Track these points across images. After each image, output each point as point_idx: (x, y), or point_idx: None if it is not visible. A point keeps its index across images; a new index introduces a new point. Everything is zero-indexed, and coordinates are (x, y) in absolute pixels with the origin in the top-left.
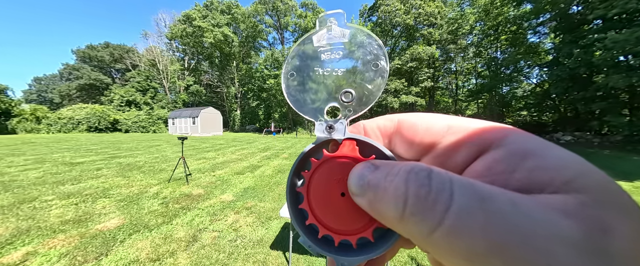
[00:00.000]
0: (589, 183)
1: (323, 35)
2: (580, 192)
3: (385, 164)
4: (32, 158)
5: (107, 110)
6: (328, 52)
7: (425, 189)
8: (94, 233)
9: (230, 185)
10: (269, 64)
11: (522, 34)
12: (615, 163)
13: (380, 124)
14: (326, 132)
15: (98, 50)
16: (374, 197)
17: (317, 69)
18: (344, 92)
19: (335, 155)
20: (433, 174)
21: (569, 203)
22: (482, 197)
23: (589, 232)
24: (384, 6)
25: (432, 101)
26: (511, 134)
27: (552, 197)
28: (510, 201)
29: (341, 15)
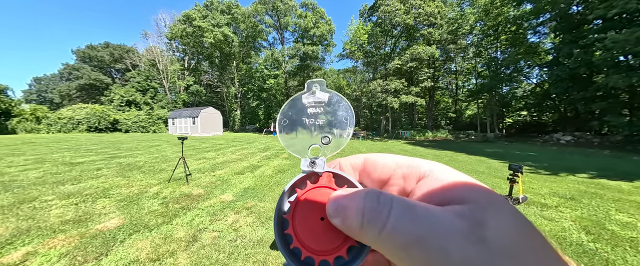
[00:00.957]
0: (477, 197)
1: (309, 95)
2: (470, 202)
3: (352, 190)
4: (32, 158)
5: (107, 110)
6: (312, 107)
7: (375, 204)
8: (94, 233)
9: (230, 185)
10: (269, 64)
11: (522, 34)
12: (615, 163)
13: (351, 162)
14: (309, 166)
15: (98, 50)
16: (344, 215)
17: (304, 119)
18: (323, 137)
19: (316, 185)
20: (381, 195)
21: (461, 210)
22: (409, 206)
23: (472, 226)
24: (384, 6)
25: (432, 101)
26: (434, 169)
27: (453, 207)
28: (426, 209)
29: (323, 82)
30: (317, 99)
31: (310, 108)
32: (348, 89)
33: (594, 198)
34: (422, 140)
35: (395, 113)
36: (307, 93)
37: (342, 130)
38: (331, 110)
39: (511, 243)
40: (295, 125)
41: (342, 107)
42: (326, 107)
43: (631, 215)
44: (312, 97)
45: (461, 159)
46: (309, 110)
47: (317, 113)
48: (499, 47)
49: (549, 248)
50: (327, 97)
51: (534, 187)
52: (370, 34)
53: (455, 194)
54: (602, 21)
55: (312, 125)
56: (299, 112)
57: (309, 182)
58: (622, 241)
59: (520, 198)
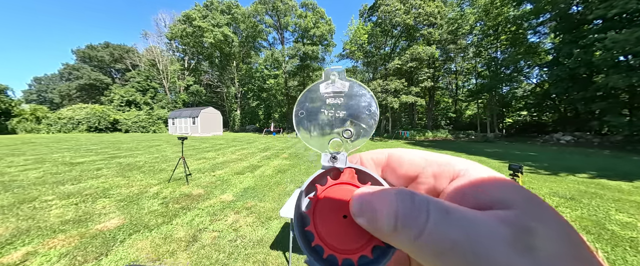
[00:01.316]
0: (520, 201)
1: (328, 85)
2: (513, 208)
3: (380, 188)
4: (32, 158)
5: (107, 110)
6: (332, 98)
7: (410, 207)
8: (94, 233)
9: (230, 185)
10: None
11: (522, 34)
12: (615, 163)
13: (374, 156)
14: (330, 161)
15: (98, 50)
16: (371, 216)
17: (323, 111)
18: (345, 130)
19: (337, 181)
20: (415, 196)
21: (506, 215)
22: (448, 211)
23: (518, 233)
24: (384, 6)
25: (432, 101)
26: (469, 168)
27: (494, 212)
28: (465, 214)
29: (342, 70)
30: (337, 88)
31: (330, 98)
32: None
33: (594, 198)
34: (422, 140)
35: (395, 113)
36: (326, 82)
37: (366, 123)
38: (353, 101)
39: (560, 253)
40: (313, 116)
41: (364, 98)
42: (347, 97)
43: (631, 215)
44: (332, 86)
45: None
46: (328, 101)
47: (338, 104)
48: (499, 47)
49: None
50: (347, 86)
51: (534, 187)
52: (370, 34)
53: (497, 197)
54: (602, 21)
55: (332, 117)
56: (317, 103)
57: (329, 178)
58: (622, 241)
59: None
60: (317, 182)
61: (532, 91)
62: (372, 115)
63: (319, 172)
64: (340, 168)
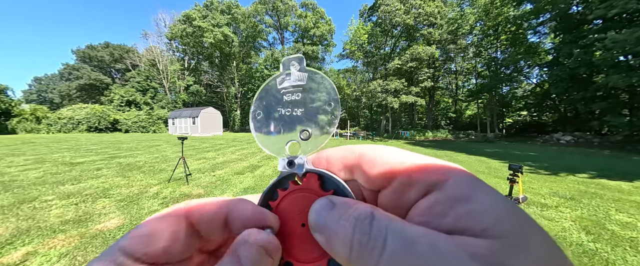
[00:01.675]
0: (503, 230)
1: (285, 78)
2: (494, 237)
3: (341, 203)
4: (32, 158)
5: (107, 110)
6: (289, 94)
7: (366, 237)
8: (94, 233)
9: (230, 185)
10: (269, 64)
11: (522, 34)
12: (615, 163)
13: (344, 156)
14: (287, 167)
15: (98, 50)
16: (328, 237)
17: (279, 109)
18: (302, 131)
19: (299, 187)
20: (374, 222)
21: (481, 247)
22: (409, 241)
23: None
24: (384, 6)
25: (432, 101)
26: (452, 177)
27: (468, 240)
28: (431, 244)
29: (302, 58)
30: (294, 82)
31: (287, 94)
32: (348, 89)
33: (594, 198)
34: (422, 140)
35: (395, 113)
36: (283, 74)
37: (325, 120)
38: (311, 95)
39: None
40: (270, 117)
41: (323, 90)
42: (305, 91)
43: (631, 215)
44: (288, 81)
45: (461, 159)
46: (286, 98)
47: (296, 100)
48: (499, 47)
49: None
50: (305, 77)
51: (534, 187)
52: (370, 34)
53: (475, 220)
54: (602, 21)
55: (290, 117)
56: (274, 101)
57: (291, 183)
58: (622, 241)
59: (520, 198)
60: (278, 187)
61: (532, 91)
62: (333, 109)
63: (280, 176)
64: (298, 173)
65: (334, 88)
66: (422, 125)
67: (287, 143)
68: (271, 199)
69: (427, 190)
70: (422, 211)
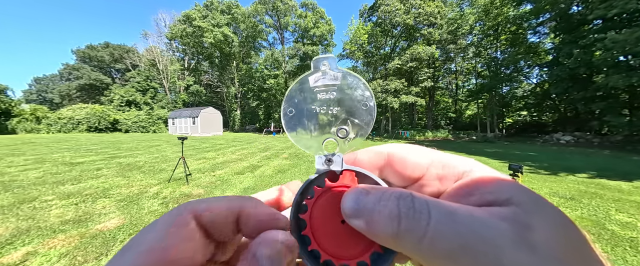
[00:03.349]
0: (520, 199)
1: (318, 77)
2: (514, 205)
3: (375, 189)
4: (32, 158)
5: (107, 110)
6: (323, 92)
7: (411, 210)
8: (94, 233)
9: (231, 185)
10: (269, 64)
11: (522, 34)
12: (615, 163)
13: (371, 156)
14: (325, 164)
15: (98, 50)
16: (370, 219)
17: (314, 108)
18: (339, 129)
19: (335, 185)
20: (415, 200)
21: (507, 212)
22: (449, 211)
23: (518, 229)
24: (384, 6)
25: (432, 101)
26: (473, 168)
27: (496, 209)
28: (469, 212)
29: (333, 59)
30: (328, 81)
31: (321, 93)
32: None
33: (594, 198)
34: (422, 140)
35: (395, 113)
36: (316, 73)
37: (362, 119)
38: (347, 95)
39: (559, 247)
40: (304, 115)
41: (359, 91)
42: (340, 90)
43: (631, 215)
44: (322, 79)
45: None
46: (320, 96)
47: (330, 99)
48: (499, 47)
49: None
50: (340, 77)
51: (534, 187)
52: (370, 34)
53: (497, 195)
54: (602, 21)
55: (325, 114)
56: (307, 99)
57: (327, 181)
58: (622, 241)
59: None
60: (314, 185)
61: (532, 91)
62: (369, 110)
63: (316, 175)
64: (337, 171)
65: (368, 87)
66: (422, 125)
67: (324, 141)
68: (306, 197)
69: (456, 179)
70: (452, 194)
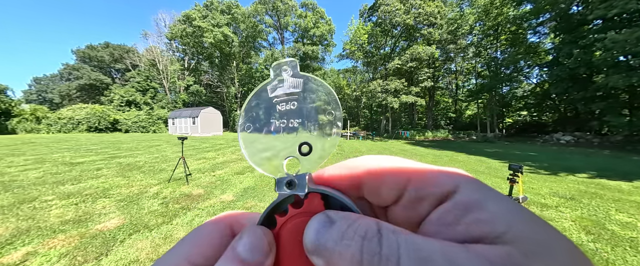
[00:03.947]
0: (516, 235)
1: (277, 85)
2: (508, 243)
3: (341, 219)
4: (32, 158)
5: (107, 110)
6: (283, 103)
7: (376, 257)
8: (94, 233)
9: (231, 185)
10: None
11: (522, 34)
12: (615, 163)
13: (344, 173)
14: (286, 188)
15: (98, 50)
16: (329, 260)
17: (273, 121)
18: (301, 145)
19: (300, 210)
20: (383, 240)
21: (497, 254)
22: (424, 258)
23: None
24: (384, 6)
25: (432, 101)
26: (460, 186)
27: (484, 248)
28: (448, 258)
29: (295, 63)
30: (288, 90)
31: (281, 104)
32: (348, 89)
33: (594, 198)
34: (422, 140)
35: (395, 113)
36: (275, 81)
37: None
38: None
39: None
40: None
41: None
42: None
43: (631, 215)
44: (281, 88)
45: (461, 159)
46: (280, 108)
47: (291, 110)
48: (498, 47)
49: None
50: (300, 83)
51: (534, 187)
52: (370, 34)
53: (489, 227)
54: (602, 21)
55: (286, 129)
56: (266, 112)
57: (291, 207)
58: (622, 241)
59: (521, 198)
60: (275, 213)
61: (532, 91)
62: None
63: (278, 199)
64: (301, 194)
65: (333, 93)
66: (422, 125)
67: (284, 160)
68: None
69: (437, 203)
70: (434, 222)
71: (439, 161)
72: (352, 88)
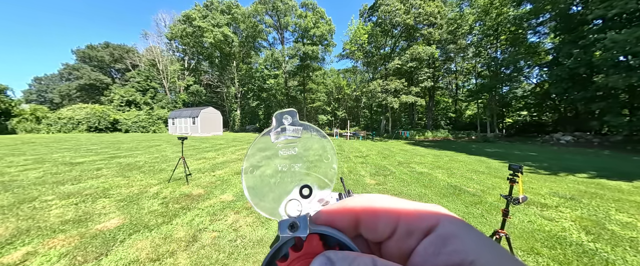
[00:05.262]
0: (486, 261)
1: (279, 132)
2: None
3: (339, 259)
4: (32, 158)
5: (107, 110)
6: (285, 149)
7: None
8: (94, 233)
9: (230, 185)
10: (269, 64)
11: (522, 34)
12: (615, 163)
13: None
14: (289, 230)
15: (98, 50)
16: None
17: (275, 166)
18: (302, 187)
19: (301, 253)
20: None
21: None
22: None
23: None
24: (384, 6)
25: (432, 101)
26: (441, 221)
27: None
28: None
29: (294, 112)
30: (290, 135)
31: (283, 149)
32: (348, 89)
33: (594, 198)
34: (422, 140)
35: (395, 113)
36: (277, 129)
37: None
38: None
39: None
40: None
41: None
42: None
43: (631, 215)
44: (284, 134)
45: (461, 159)
46: (282, 153)
47: (293, 155)
48: (498, 47)
49: None
50: (301, 130)
51: (534, 187)
52: (370, 34)
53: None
54: (602, 21)
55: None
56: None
57: (291, 250)
58: (622, 241)
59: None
60: (276, 259)
61: (532, 91)
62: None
63: (278, 244)
64: (302, 236)
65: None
66: (422, 125)
67: (286, 202)
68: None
69: (423, 235)
70: (420, 253)
71: (439, 161)
72: (352, 88)
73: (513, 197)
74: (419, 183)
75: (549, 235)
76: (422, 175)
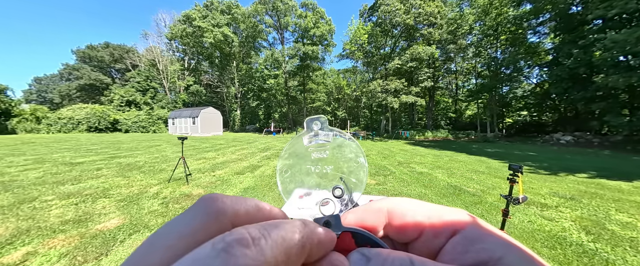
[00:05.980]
0: (511, 259)
1: (311, 136)
2: (507, 263)
3: (375, 255)
4: (32, 158)
5: (107, 110)
6: (316, 152)
7: None
8: (94, 233)
9: (231, 185)
10: (269, 64)
11: (522, 34)
12: (615, 163)
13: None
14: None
15: (98, 50)
16: None
17: (308, 167)
18: (335, 188)
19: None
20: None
21: None
22: None
23: None
24: (384, 6)
25: (432, 101)
26: (468, 224)
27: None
28: None
29: (325, 119)
30: (321, 140)
31: (314, 152)
32: (348, 89)
33: (594, 198)
34: (422, 140)
35: (395, 113)
36: (309, 134)
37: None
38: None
39: None
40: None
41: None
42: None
43: (631, 215)
44: (315, 139)
45: (461, 159)
46: (313, 156)
47: (323, 158)
48: (498, 47)
49: None
50: (331, 135)
51: (534, 187)
52: (370, 34)
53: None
54: (602, 21)
55: (320, 174)
56: (301, 158)
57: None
58: (622, 241)
59: (520, 198)
60: None
61: (532, 91)
62: (361, 166)
63: None
64: (336, 233)
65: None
66: (422, 125)
67: (319, 202)
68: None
69: (450, 236)
70: (449, 251)
71: (439, 161)
72: (352, 88)
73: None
74: (419, 183)
75: (549, 235)
76: (422, 175)
